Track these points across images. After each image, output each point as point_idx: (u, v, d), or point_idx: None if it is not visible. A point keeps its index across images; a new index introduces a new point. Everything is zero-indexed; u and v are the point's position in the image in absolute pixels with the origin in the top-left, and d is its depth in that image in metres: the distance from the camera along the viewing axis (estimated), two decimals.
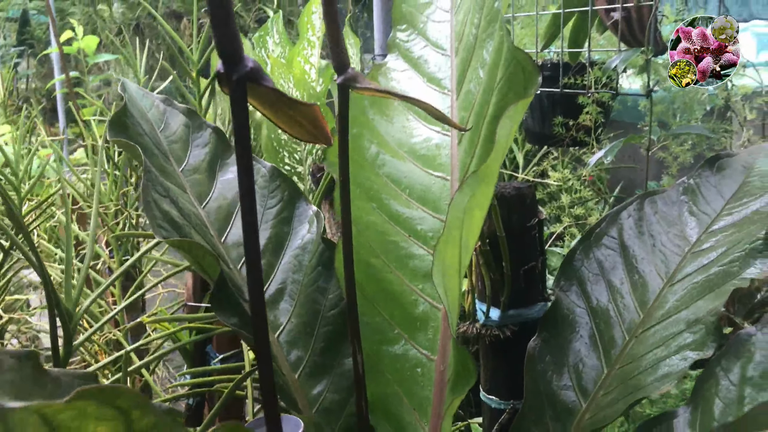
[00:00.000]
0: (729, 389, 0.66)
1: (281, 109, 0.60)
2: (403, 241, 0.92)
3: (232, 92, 0.53)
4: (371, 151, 0.98)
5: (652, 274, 0.89)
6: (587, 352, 0.88)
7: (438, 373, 0.85)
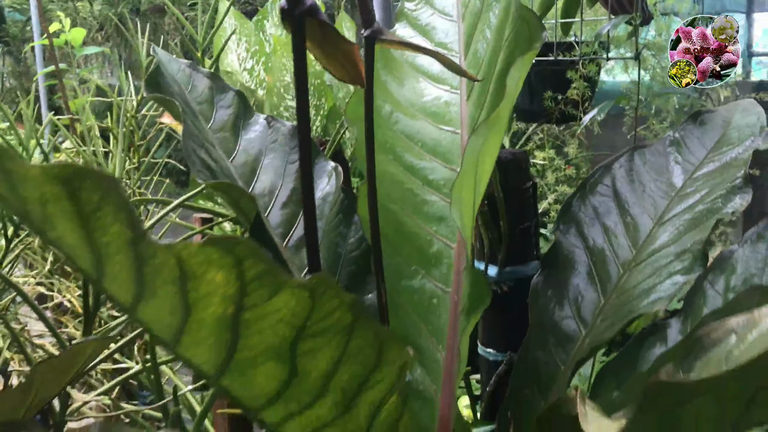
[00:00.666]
0: (715, 298, 0.76)
1: (327, 46, 0.68)
2: (417, 189, 1.01)
3: (293, 26, 0.61)
4: (385, 109, 1.06)
5: (642, 217, 0.99)
6: (585, 287, 0.97)
7: (452, 304, 0.94)
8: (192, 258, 0.44)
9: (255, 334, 0.50)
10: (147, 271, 0.45)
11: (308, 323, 0.50)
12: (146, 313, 0.49)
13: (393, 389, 0.59)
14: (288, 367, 0.53)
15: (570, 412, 0.53)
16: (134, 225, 0.43)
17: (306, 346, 0.52)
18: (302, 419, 0.59)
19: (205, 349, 0.52)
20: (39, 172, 0.40)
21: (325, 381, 0.55)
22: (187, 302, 0.47)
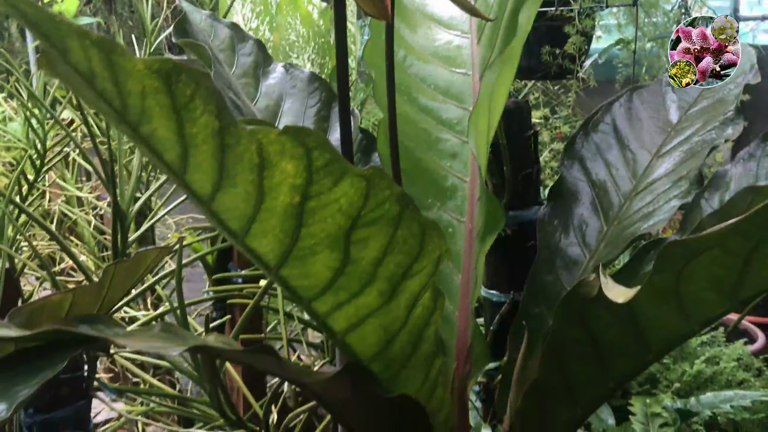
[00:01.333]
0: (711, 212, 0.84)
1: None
2: (431, 128, 1.08)
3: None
4: (399, 54, 1.13)
5: (641, 151, 1.07)
6: (589, 215, 1.05)
7: (467, 232, 1.01)
8: (270, 146, 0.50)
9: (316, 223, 0.57)
10: (229, 160, 0.52)
11: (362, 212, 0.57)
12: (223, 202, 0.56)
13: (430, 281, 0.67)
14: (342, 256, 0.60)
15: (589, 293, 0.61)
16: (222, 115, 0.49)
17: (359, 234, 0.59)
18: (349, 308, 0.66)
19: (271, 238, 0.59)
20: (143, 65, 0.47)
21: (374, 269, 0.62)
22: (262, 190, 0.54)
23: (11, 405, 0.46)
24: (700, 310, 0.56)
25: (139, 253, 0.70)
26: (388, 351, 0.72)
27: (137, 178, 1.48)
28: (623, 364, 0.67)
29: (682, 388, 1.84)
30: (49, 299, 0.61)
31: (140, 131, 0.52)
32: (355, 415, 0.72)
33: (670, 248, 0.48)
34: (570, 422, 0.74)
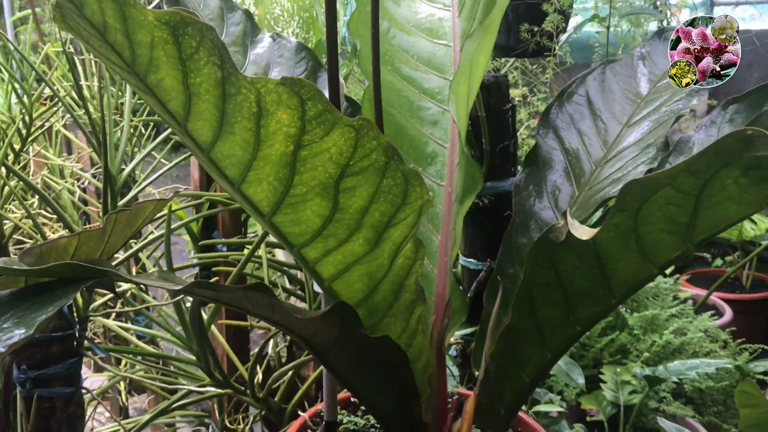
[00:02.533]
0: None
1: None
2: (413, 96, 1.13)
3: None
4: (383, 26, 1.17)
5: (612, 121, 1.12)
6: (562, 181, 1.10)
7: (446, 195, 1.06)
8: (268, 95, 0.55)
9: (308, 171, 0.62)
10: (229, 108, 0.56)
11: (351, 162, 0.62)
12: (222, 149, 0.60)
13: (411, 231, 0.72)
14: (331, 203, 0.65)
15: (557, 238, 0.66)
16: (224, 66, 0.54)
17: (348, 183, 0.64)
18: (337, 255, 0.71)
19: (266, 185, 0.63)
20: (153, 17, 0.51)
21: (360, 217, 0.67)
22: (258, 138, 0.59)
23: (30, 329, 0.50)
24: (657, 252, 0.62)
25: (138, 204, 0.74)
26: (373, 298, 0.77)
27: (125, 148, 1.51)
28: (589, 307, 0.72)
29: (651, 358, 1.92)
30: (56, 242, 0.65)
31: (147, 81, 0.56)
32: (342, 357, 0.77)
33: (628, 188, 0.53)
34: (540, 364, 0.80)
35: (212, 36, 0.52)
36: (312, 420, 1.04)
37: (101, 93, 1.31)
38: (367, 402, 0.85)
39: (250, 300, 0.66)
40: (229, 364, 1.61)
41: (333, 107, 0.57)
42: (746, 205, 0.55)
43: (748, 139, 0.48)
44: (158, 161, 1.86)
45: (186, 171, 1.93)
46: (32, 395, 1.19)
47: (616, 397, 1.73)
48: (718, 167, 0.50)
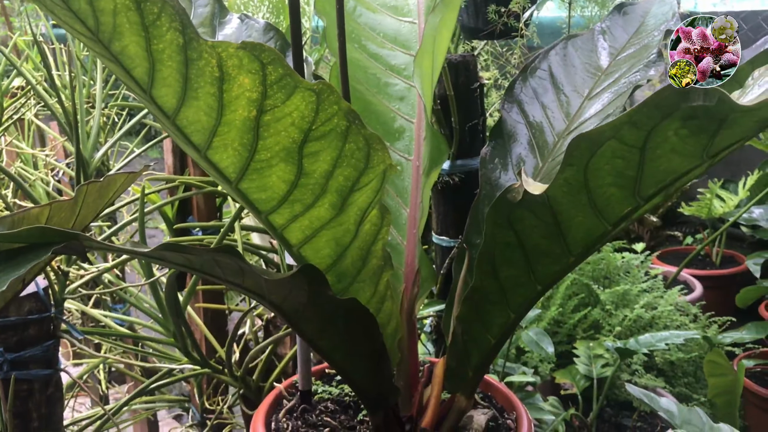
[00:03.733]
0: None
1: None
2: (380, 73, 1.15)
3: None
4: (350, 5, 1.19)
5: (574, 95, 1.15)
6: (526, 153, 1.13)
7: (414, 169, 1.09)
8: (229, 59, 0.57)
9: (272, 136, 0.64)
10: (192, 73, 0.58)
11: (313, 126, 0.64)
12: (187, 115, 0.62)
13: (376, 197, 0.74)
14: (296, 168, 0.67)
15: (514, 198, 0.69)
16: (186, 31, 0.56)
17: (311, 148, 0.66)
18: (303, 221, 0.73)
19: (231, 151, 0.65)
20: None
21: (325, 181, 0.69)
22: (222, 103, 0.60)
23: (2, 286, 0.52)
24: (609, 207, 0.65)
25: (109, 176, 0.75)
26: (341, 264, 0.80)
27: (96, 134, 1.52)
28: (548, 265, 0.75)
29: (623, 332, 1.97)
30: (28, 212, 0.67)
31: (112, 48, 0.58)
32: (312, 321, 0.79)
33: (576, 142, 0.56)
34: (504, 325, 0.83)
35: (173, 2, 0.54)
36: (287, 391, 1.06)
37: (72, 80, 1.31)
38: (338, 367, 0.88)
39: (220, 265, 0.68)
40: (208, 347, 1.63)
41: (293, 71, 0.59)
42: (689, 156, 0.58)
43: (684, 91, 0.51)
44: (130, 150, 1.87)
45: (161, 164, 1.94)
46: (9, 377, 1.20)
47: (589, 370, 1.77)
48: (658, 119, 0.53)
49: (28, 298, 1.21)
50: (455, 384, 0.94)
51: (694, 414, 1.28)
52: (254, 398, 1.47)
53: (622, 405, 1.84)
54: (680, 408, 1.29)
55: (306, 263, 0.72)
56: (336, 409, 1.03)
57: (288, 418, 1.00)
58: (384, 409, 0.94)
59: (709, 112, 0.50)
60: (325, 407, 1.03)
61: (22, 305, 1.23)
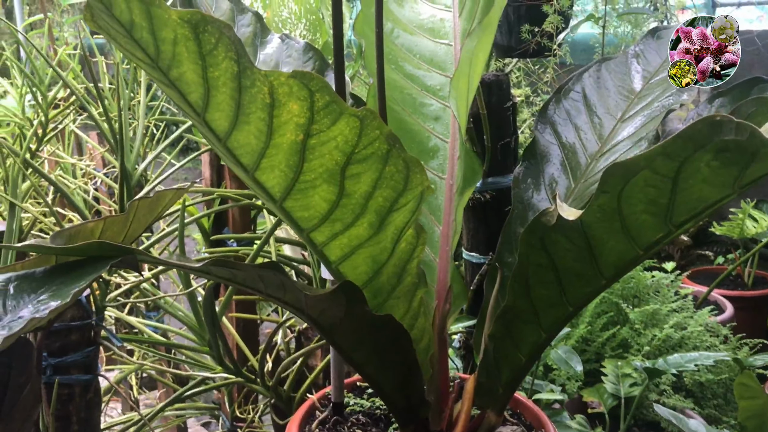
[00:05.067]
0: None
1: None
2: (416, 94, 1.18)
3: None
4: (387, 27, 1.22)
5: (607, 117, 1.17)
6: (559, 174, 1.15)
7: (447, 187, 1.11)
8: (280, 87, 0.60)
9: (316, 159, 0.67)
10: (245, 100, 0.61)
11: (356, 149, 0.67)
12: (237, 138, 0.65)
13: (413, 217, 0.77)
14: (338, 189, 0.70)
15: (549, 221, 0.71)
16: (240, 60, 0.59)
17: (353, 170, 0.69)
18: (343, 239, 0.76)
19: (278, 172, 0.68)
20: (177, 15, 0.56)
21: (365, 202, 0.72)
22: (271, 128, 0.64)
23: (66, 298, 0.56)
24: (641, 233, 0.67)
25: (159, 192, 0.79)
26: (377, 280, 0.83)
27: (138, 146, 1.57)
28: (580, 287, 0.77)
29: (652, 352, 1.96)
30: (84, 225, 0.71)
31: (170, 75, 0.61)
32: (348, 335, 0.82)
33: (611, 170, 0.58)
34: (535, 344, 0.85)
35: (230, 33, 0.58)
36: (320, 402, 1.09)
37: (117, 91, 1.36)
38: (371, 379, 0.90)
39: (263, 279, 0.71)
40: (240, 356, 1.66)
41: (339, 98, 0.62)
42: (720, 186, 0.60)
43: (716, 124, 0.53)
44: (168, 162, 1.92)
45: (196, 174, 1.98)
46: (53, 381, 1.24)
47: (617, 389, 1.77)
48: (691, 150, 0.55)
49: (70, 305, 1.26)
50: (485, 400, 0.96)
51: None
52: (285, 408, 1.50)
53: (650, 425, 1.84)
54: (709, 430, 1.29)
55: (345, 280, 0.75)
56: (367, 421, 1.05)
57: (321, 429, 1.03)
58: (414, 423, 0.96)
59: (741, 146, 0.52)
60: (356, 420, 1.05)
61: (65, 312, 1.27)
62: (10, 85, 2.42)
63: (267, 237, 1.31)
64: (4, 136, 2.45)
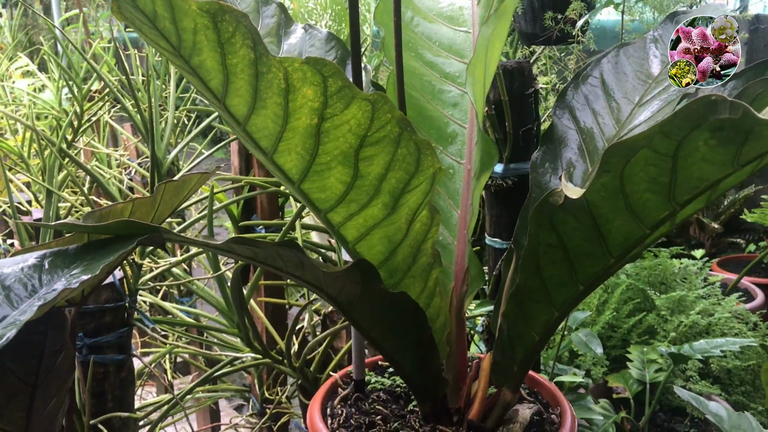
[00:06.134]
0: None
1: None
2: (435, 81, 1.20)
3: None
4: (407, 15, 1.25)
5: (625, 101, 1.18)
6: (576, 159, 1.17)
7: (465, 172, 1.14)
8: (294, 73, 0.63)
9: (331, 141, 0.70)
10: (261, 85, 0.65)
11: (369, 132, 0.70)
12: (256, 123, 0.69)
13: (426, 198, 0.80)
14: (352, 171, 0.73)
15: (557, 201, 0.73)
16: (256, 48, 0.62)
17: (366, 152, 0.72)
18: (358, 219, 0.79)
19: (294, 155, 0.72)
20: (196, 6, 0.60)
21: (378, 183, 0.75)
22: (287, 112, 0.67)
23: (95, 271, 0.60)
24: (646, 211, 0.69)
25: (184, 176, 0.83)
26: (392, 260, 0.86)
27: (168, 136, 1.62)
28: (589, 266, 0.79)
29: (678, 338, 1.96)
30: (114, 207, 0.75)
31: (192, 62, 0.65)
32: (365, 312, 0.85)
33: (612, 149, 0.60)
34: (548, 322, 0.87)
35: (246, 22, 0.61)
36: (342, 380, 1.13)
37: (148, 83, 1.41)
38: (389, 357, 0.93)
39: (283, 258, 0.75)
40: (269, 339, 1.71)
41: (351, 83, 0.65)
42: (719, 165, 0.61)
43: (712, 104, 0.54)
44: (199, 151, 1.98)
45: (226, 163, 2.04)
46: (88, 360, 1.30)
47: (642, 375, 1.78)
48: (688, 129, 0.57)
49: (105, 287, 1.31)
50: (501, 378, 0.99)
51: (743, 419, 1.29)
52: (311, 389, 1.54)
53: (675, 410, 1.84)
54: (730, 413, 1.30)
55: (360, 258, 0.78)
56: (388, 398, 1.09)
57: (342, 406, 1.07)
58: (433, 400, 1.00)
59: (736, 124, 0.54)
60: (377, 396, 1.08)
61: (100, 294, 1.33)
62: (48, 79, 2.50)
63: (291, 222, 1.35)
64: (43, 128, 2.54)
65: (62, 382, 0.67)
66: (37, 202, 1.86)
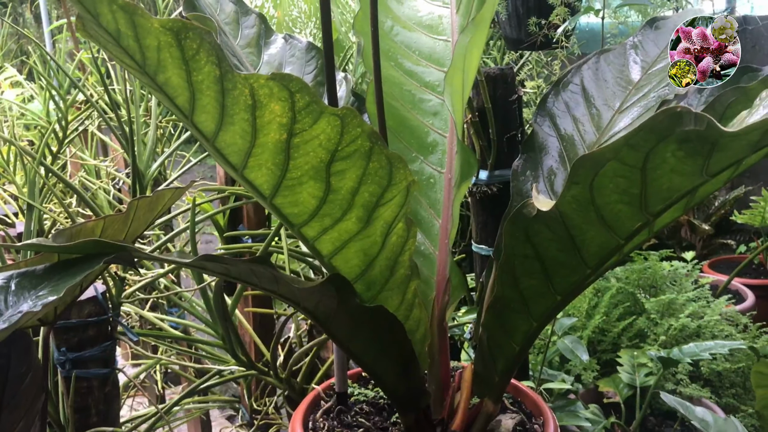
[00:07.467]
0: None
1: None
2: (415, 90, 1.20)
3: None
4: (387, 24, 1.25)
5: (605, 108, 1.18)
6: (557, 166, 1.16)
7: (446, 181, 1.13)
8: (260, 89, 0.63)
9: (301, 156, 0.70)
10: (228, 102, 0.64)
11: (339, 147, 0.70)
12: (224, 139, 0.68)
13: (401, 211, 0.79)
14: (324, 185, 0.73)
15: (530, 213, 0.73)
16: (221, 65, 0.62)
17: (337, 167, 0.72)
18: (333, 233, 0.79)
19: (265, 170, 0.71)
20: (159, 24, 0.59)
21: (351, 197, 0.74)
22: (255, 128, 0.66)
23: (59, 293, 0.59)
24: (619, 222, 0.68)
25: (158, 191, 0.83)
26: (369, 273, 0.85)
27: (152, 147, 1.61)
28: (566, 277, 0.79)
29: (669, 341, 1.96)
30: (84, 225, 0.74)
31: (157, 80, 0.64)
32: (342, 326, 0.85)
33: (580, 161, 0.60)
34: (527, 333, 0.87)
35: (210, 39, 0.60)
36: (325, 392, 1.12)
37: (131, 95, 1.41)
38: (369, 369, 0.93)
39: (256, 274, 0.74)
40: (257, 350, 1.70)
41: (319, 99, 0.65)
42: (689, 175, 0.61)
43: (677, 116, 0.54)
44: (187, 159, 1.97)
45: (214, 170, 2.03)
46: (71, 375, 1.29)
47: (633, 379, 1.78)
48: (654, 141, 0.57)
49: (87, 301, 1.30)
50: (483, 389, 0.98)
51: (730, 424, 1.29)
52: (298, 399, 1.53)
53: (666, 414, 1.84)
54: (716, 418, 1.30)
55: (334, 272, 0.78)
56: (371, 410, 1.08)
57: (325, 419, 1.06)
58: (415, 412, 0.99)
59: (702, 136, 0.54)
60: (360, 409, 1.08)
61: (83, 308, 1.32)
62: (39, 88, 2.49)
63: (275, 232, 1.35)
64: (33, 139, 2.53)
65: (30, 404, 0.66)
66: (23, 214, 1.85)
